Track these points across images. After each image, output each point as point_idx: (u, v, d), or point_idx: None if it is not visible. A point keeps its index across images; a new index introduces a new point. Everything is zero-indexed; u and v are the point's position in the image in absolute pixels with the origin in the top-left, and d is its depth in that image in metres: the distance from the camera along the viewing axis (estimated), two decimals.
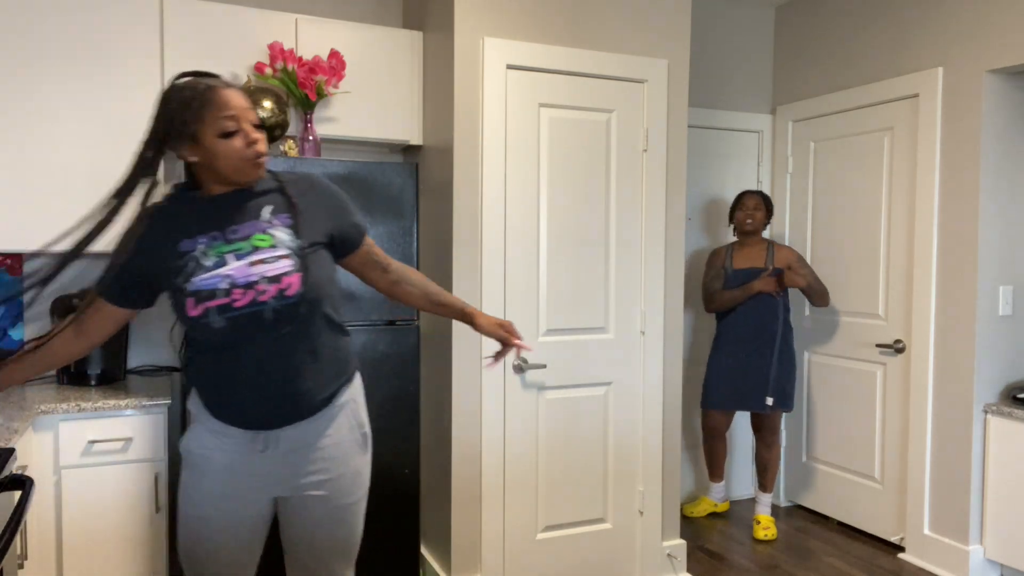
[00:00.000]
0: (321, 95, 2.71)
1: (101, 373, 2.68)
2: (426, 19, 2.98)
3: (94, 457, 2.40)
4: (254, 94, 2.62)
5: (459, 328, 2.72)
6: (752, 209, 3.61)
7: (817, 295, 3.57)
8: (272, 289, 1.55)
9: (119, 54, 2.60)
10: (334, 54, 2.75)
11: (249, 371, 1.60)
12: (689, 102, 3.90)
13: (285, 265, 1.58)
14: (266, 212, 1.62)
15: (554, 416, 2.88)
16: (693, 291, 4.01)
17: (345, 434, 1.75)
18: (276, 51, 2.69)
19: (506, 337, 1.87)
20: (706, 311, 3.71)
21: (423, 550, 3.07)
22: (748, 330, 3.55)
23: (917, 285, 3.33)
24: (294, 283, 1.58)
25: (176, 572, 2.80)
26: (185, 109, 1.51)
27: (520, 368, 2.81)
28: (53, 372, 2.87)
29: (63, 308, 2.67)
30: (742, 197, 3.66)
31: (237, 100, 1.56)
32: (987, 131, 3.07)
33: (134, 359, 2.98)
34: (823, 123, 3.85)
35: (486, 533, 2.78)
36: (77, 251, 1.62)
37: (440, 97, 2.83)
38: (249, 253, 1.57)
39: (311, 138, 2.72)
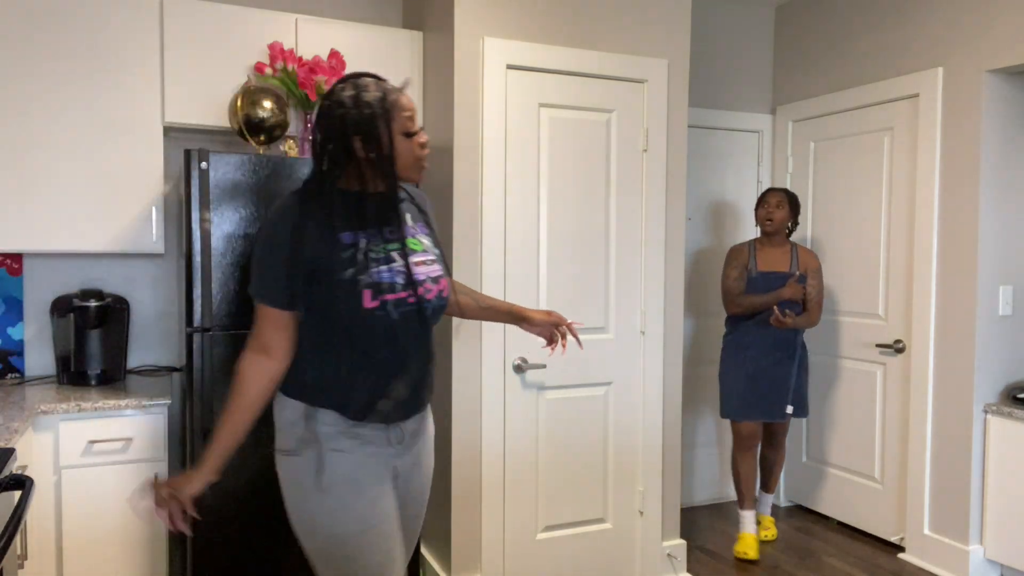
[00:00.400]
0: (321, 95, 2.71)
1: (101, 373, 2.69)
2: (426, 19, 2.98)
3: (94, 457, 2.40)
4: (254, 94, 2.62)
5: (459, 328, 2.72)
6: (773, 207, 3.42)
7: (807, 324, 3.41)
8: (435, 289, 1.68)
9: (119, 54, 2.60)
10: (334, 54, 2.75)
11: (405, 363, 1.66)
12: (689, 102, 3.89)
13: (439, 269, 1.71)
14: (409, 218, 1.71)
15: (554, 416, 2.88)
16: (693, 292, 4.01)
17: (432, 429, 1.85)
18: (276, 51, 2.69)
19: (559, 320, 1.96)
20: (727, 312, 3.50)
21: (423, 550, 3.07)
22: (772, 338, 3.38)
23: (917, 285, 3.33)
24: (447, 286, 1.73)
25: (176, 572, 2.80)
26: (377, 107, 1.56)
27: (520, 368, 2.81)
28: (53, 372, 2.87)
29: (63, 308, 2.67)
30: (765, 194, 3.47)
31: (412, 103, 1.64)
32: (987, 131, 3.07)
33: (134, 359, 2.99)
34: (823, 123, 3.85)
35: (486, 533, 2.78)
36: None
37: (440, 97, 2.83)
38: (408, 254, 1.65)
39: (311, 138, 2.72)
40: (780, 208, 3.42)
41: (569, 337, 2.03)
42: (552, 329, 1.96)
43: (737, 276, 3.45)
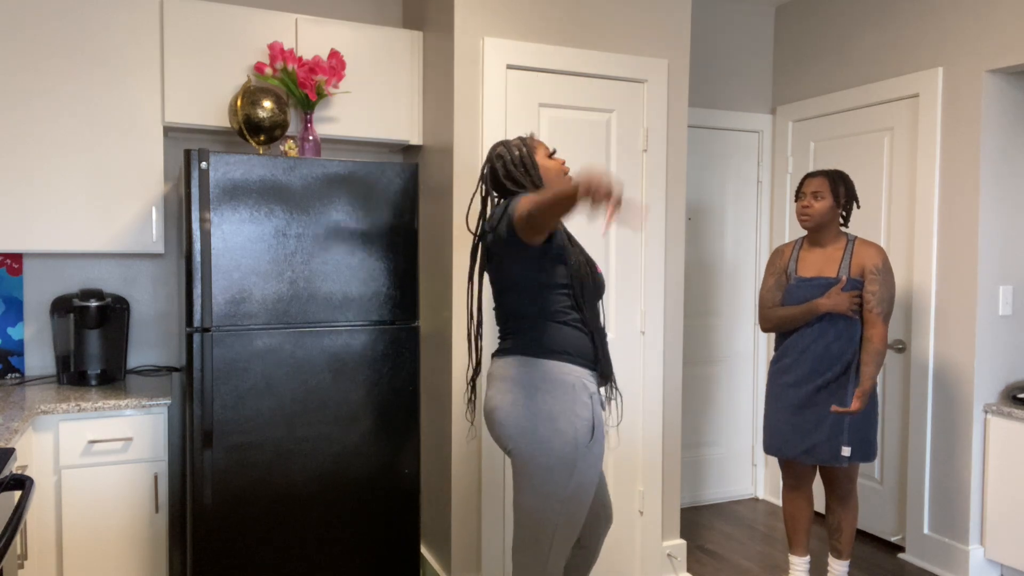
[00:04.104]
0: (321, 95, 2.71)
1: (101, 373, 2.69)
2: (426, 19, 2.98)
3: (94, 457, 2.40)
4: (254, 94, 2.62)
5: (459, 328, 2.72)
6: (810, 196, 2.72)
7: (874, 356, 2.62)
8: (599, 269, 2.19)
9: (119, 54, 2.60)
10: (334, 54, 2.75)
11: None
12: (689, 102, 3.90)
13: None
14: None
15: None
16: (694, 292, 4.01)
17: None
18: (276, 51, 2.69)
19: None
20: (762, 330, 2.92)
21: (423, 550, 3.07)
22: (814, 358, 2.69)
23: (917, 285, 3.33)
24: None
25: (176, 572, 2.81)
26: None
27: None
28: (53, 372, 2.87)
29: (63, 308, 2.67)
30: (801, 182, 2.79)
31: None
32: (987, 131, 3.07)
33: (134, 359, 2.99)
34: (823, 123, 3.85)
35: (486, 533, 2.78)
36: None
37: (440, 97, 2.83)
38: None
39: (311, 138, 2.72)
40: (820, 198, 2.71)
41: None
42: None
43: (773, 284, 2.84)
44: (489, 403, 2.05)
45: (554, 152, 2.17)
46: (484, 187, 2.15)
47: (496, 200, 2.15)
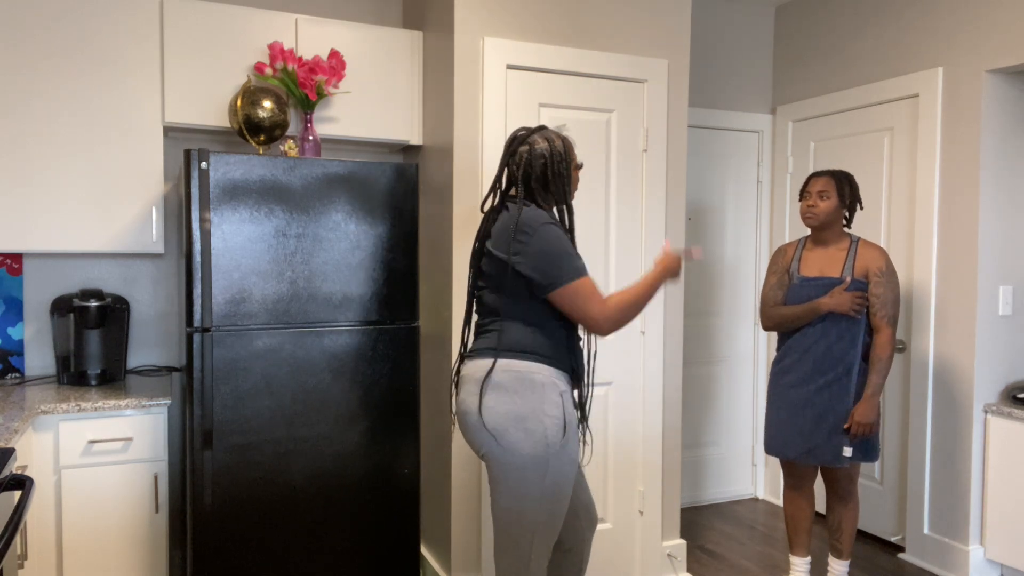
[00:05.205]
0: (321, 95, 2.71)
1: (101, 373, 2.69)
2: (426, 19, 2.98)
3: (94, 457, 2.40)
4: (254, 94, 2.62)
5: (459, 328, 2.72)
6: (816, 196, 2.72)
7: (880, 362, 2.66)
8: None
9: (119, 54, 2.60)
10: (334, 54, 2.75)
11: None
12: (689, 102, 3.90)
13: None
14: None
15: None
16: (692, 293, 4.01)
17: None
18: (276, 51, 2.69)
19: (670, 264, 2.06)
20: (763, 328, 2.96)
21: (423, 550, 3.07)
22: (816, 358, 2.70)
23: (917, 285, 3.33)
24: None
25: (176, 572, 2.81)
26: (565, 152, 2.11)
27: None
28: (53, 372, 2.87)
29: (63, 308, 2.67)
30: (806, 181, 2.78)
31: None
32: (987, 131, 3.07)
33: (134, 359, 2.99)
34: (823, 123, 3.85)
35: (486, 533, 2.78)
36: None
37: (440, 97, 2.83)
38: None
39: (311, 138, 2.72)
40: (826, 198, 2.71)
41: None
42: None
43: (775, 283, 2.84)
44: (461, 406, 2.04)
45: (580, 166, 2.13)
46: (509, 174, 2.06)
47: (517, 193, 2.04)
